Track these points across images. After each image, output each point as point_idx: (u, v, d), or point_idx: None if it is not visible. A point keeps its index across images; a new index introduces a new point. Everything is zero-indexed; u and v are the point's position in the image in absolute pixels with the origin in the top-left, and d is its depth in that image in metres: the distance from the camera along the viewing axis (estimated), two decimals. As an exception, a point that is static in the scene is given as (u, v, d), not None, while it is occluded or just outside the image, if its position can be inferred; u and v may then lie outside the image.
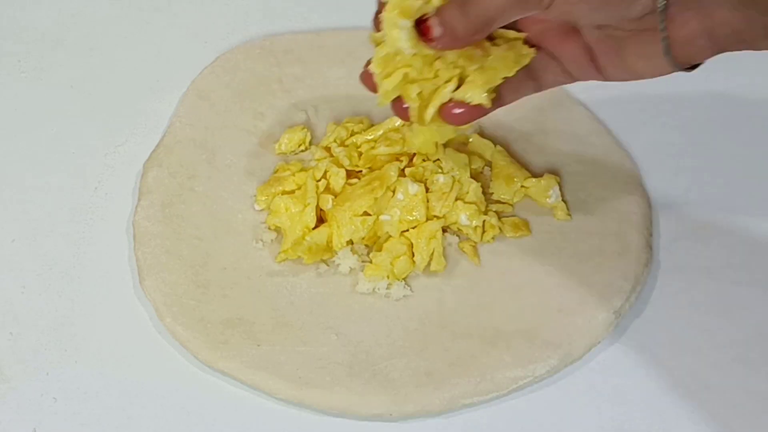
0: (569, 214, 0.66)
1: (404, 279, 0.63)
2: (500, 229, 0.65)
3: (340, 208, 0.63)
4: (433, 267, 0.63)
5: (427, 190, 0.65)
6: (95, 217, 0.67)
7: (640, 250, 0.65)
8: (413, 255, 0.64)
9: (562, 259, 0.65)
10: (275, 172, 0.68)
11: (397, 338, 0.61)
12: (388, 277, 0.63)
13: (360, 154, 0.67)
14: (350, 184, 0.65)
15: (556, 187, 0.67)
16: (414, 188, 0.64)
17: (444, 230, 0.65)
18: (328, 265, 0.64)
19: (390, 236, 0.64)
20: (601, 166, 0.69)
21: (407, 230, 0.64)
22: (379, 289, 0.63)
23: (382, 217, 0.64)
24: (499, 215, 0.66)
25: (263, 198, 0.66)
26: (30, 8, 0.78)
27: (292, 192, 0.65)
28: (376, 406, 0.59)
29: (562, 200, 0.67)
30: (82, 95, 0.73)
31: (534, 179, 0.67)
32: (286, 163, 0.67)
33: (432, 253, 0.63)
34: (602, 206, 0.67)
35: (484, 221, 0.65)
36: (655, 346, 0.62)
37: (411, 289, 0.63)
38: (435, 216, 0.64)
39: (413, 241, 0.64)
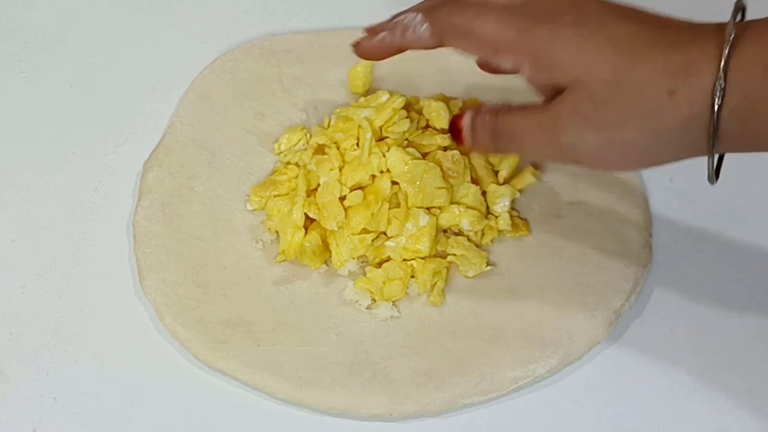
0: (514, 231, 0.65)
1: (393, 302, 0.62)
2: (499, 230, 0.65)
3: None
4: (431, 299, 0.62)
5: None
6: (95, 217, 0.67)
7: (640, 250, 0.65)
8: (409, 282, 0.63)
9: (562, 259, 0.65)
10: (273, 173, 0.68)
11: (397, 338, 0.61)
12: (373, 294, 0.62)
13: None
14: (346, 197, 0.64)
15: (507, 199, 0.66)
16: (425, 220, 0.63)
17: (444, 231, 0.65)
18: (327, 265, 0.64)
19: (391, 258, 0.63)
20: (601, 166, 0.69)
21: (413, 259, 0.63)
22: (360, 303, 0.62)
23: (387, 243, 0.63)
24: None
25: (256, 198, 0.66)
26: (30, 8, 0.78)
27: (286, 194, 0.65)
28: (376, 406, 0.59)
29: (519, 217, 0.66)
30: (82, 95, 0.73)
31: (495, 186, 0.66)
32: (283, 166, 0.67)
33: (434, 287, 0.63)
34: (602, 206, 0.67)
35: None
36: (655, 346, 0.62)
37: (398, 311, 0.62)
38: (444, 252, 0.64)
39: (418, 271, 0.63)
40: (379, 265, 0.63)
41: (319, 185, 0.64)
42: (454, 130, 0.60)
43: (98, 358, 0.60)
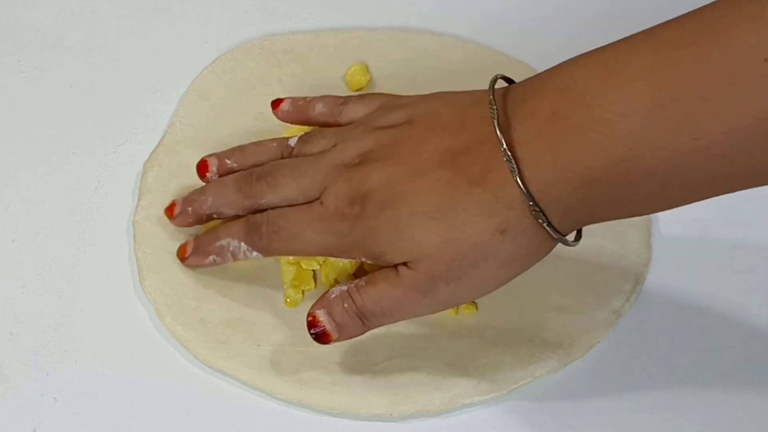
0: None
1: None
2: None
3: None
4: (466, 312, 0.62)
5: None
6: (95, 217, 0.67)
7: (640, 250, 0.65)
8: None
9: (562, 259, 0.64)
10: None
11: (397, 338, 0.61)
12: None
13: None
14: None
15: None
16: None
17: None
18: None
19: None
20: (601, 166, 0.69)
21: None
22: None
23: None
24: None
25: None
26: (30, 8, 0.77)
27: None
28: (376, 406, 0.59)
29: None
30: (82, 95, 0.73)
31: None
32: None
33: None
34: (602, 206, 0.67)
35: None
36: (655, 346, 0.62)
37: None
38: None
39: None
40: None
41: None
42: (314, 330, 0.57)
43: (98, 358, 0.60)
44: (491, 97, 0.54)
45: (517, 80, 0.56)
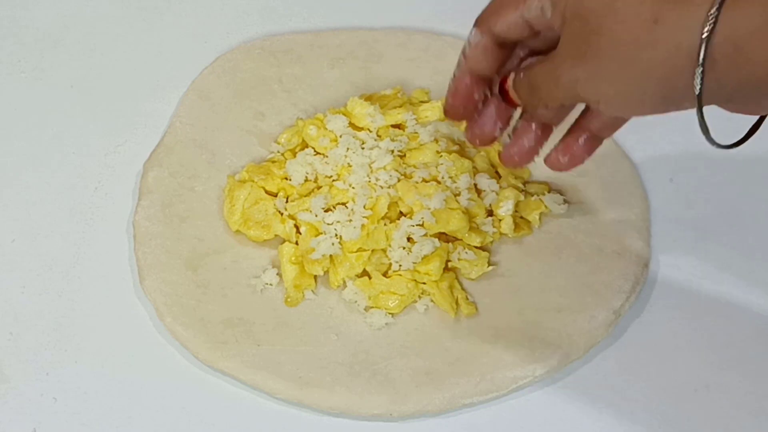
0: (516, 231, 0.65)
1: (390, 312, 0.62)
2: (500, 233, 0.65)
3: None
4: (466, 312, 0.62)
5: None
6: (95, 217, 0.67)
7: (639, 250, 0.65)
8: (415, 300, 0.63)
9: (562, 259, 0.65)
10: (274, 162, 0.67)
11: (397, 338, 0.61)
12: (369, 299, 0.62)
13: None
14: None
15: (511, 202, 0.65)
16: (435, 244, 0.63)
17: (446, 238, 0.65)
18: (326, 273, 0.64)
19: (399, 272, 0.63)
20: (600, 166, 0.69)
21: (423, 282, 0.63)
22: (358, 304, 0.62)
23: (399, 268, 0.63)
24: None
25: (245, 174, 0.66)
26: (30, 8, 0.78)
27: (275, 195, 0.66)
28: (376, 406, 0.59)
29: (521, 216, 0.66)
30: (82, 95, 0.73)
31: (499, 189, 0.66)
32: (284, 157, 0.67)
33: (457, 300, 0.62)
34: (602, 206, 0.67)
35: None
36: (655, 346, 0.62)
37: (393, 317, 0.62)
38: (449, 267, 0.63)
39: (434, 295, 0.62)
40: (386, 274, 0.63)
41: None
42: (502, 92, 0.56)
43: (98, 358, 0.60)
44: None
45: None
